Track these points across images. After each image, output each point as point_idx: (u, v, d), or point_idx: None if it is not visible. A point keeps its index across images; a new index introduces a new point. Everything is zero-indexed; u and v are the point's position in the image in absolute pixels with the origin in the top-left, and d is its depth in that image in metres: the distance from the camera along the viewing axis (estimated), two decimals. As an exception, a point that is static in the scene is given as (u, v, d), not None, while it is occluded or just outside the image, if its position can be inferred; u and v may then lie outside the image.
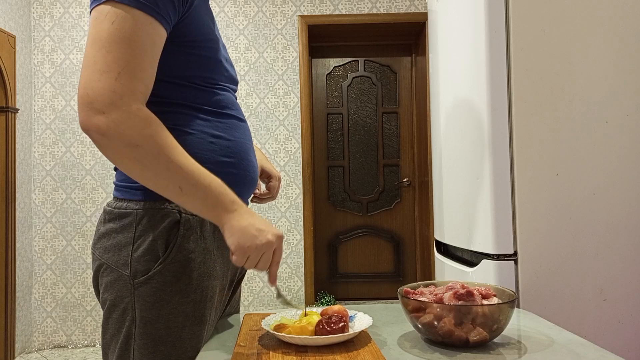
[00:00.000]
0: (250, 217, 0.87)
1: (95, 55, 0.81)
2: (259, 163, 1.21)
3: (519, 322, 1.04)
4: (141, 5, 0.82)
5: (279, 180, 1.24)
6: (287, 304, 0.98)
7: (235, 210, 0.86)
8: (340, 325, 0.88)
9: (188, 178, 0.83)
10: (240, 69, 3.74)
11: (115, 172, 0.99)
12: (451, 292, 0.89)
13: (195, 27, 0.92)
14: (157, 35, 0.85)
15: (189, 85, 0.94)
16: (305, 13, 3.76)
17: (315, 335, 0.88)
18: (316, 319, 0.91)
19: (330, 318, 0.90)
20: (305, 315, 0.95)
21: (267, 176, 1.23)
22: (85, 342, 3.59)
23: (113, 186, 3.62)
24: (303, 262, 3.72)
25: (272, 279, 0.91)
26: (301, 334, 0.88)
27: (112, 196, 0.98)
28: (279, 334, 0.88)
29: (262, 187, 1.28)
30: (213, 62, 0.97)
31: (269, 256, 0.88)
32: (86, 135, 3.68)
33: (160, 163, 0.81)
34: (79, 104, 0.81)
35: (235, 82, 1.06)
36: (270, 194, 1.23)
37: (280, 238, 0.88)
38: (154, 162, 0.81)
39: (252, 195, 1.21)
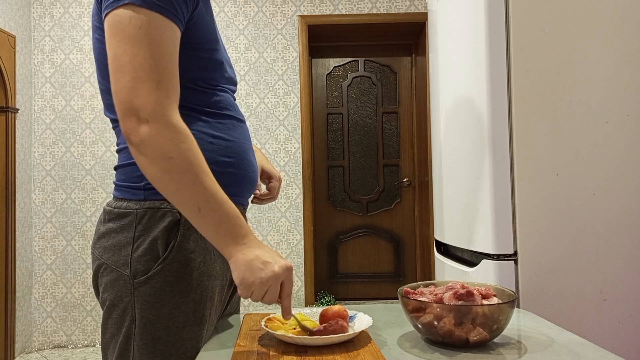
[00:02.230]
0: (257, 250, 0.85)
1: (131, 62, 0.81)
2: (260, 164, 1.21)
3: (519, 322, 1.04)
4: (160, 9, 0.83)
5: (280, 180, 1.24)
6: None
7: (245, 244, 0.85)
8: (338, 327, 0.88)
9: (209, 201, 0.82)
10: (240, 69, 3.74)
11: (115, 172, 1.00)
12: (451, 292, 0.89)
13: (198, 29, 0.92)
14: (176, 38, 0.86)
15: (190, 87, 0.94)
16: (305, 13, 3.76)
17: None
18: (309, 324, 0.91)
19: (327, 326, 0.89)
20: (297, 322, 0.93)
21: (267, 177, 1.23)
22: (85, 342, 3.59)
23: (113, 186, 3.62)
24: (303, 262, 3.72)
25: (285, 312, 0.88)
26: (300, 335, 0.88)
27: (112, 196, 0.98)
28: (279, 334, 0.88)
29: (263, 187, 1.28)
30: (214, 63, 0.97)
31: (275, 289, 0.85)
32: (86, 135, 3.70)
33: (186, 179, 0.81)
34: (122, 110, 0.81)
35: (235, 83, 1.06)
36: (271, 195, 1.23)
37: (288, 270, 0.85)
38: (181, 177, 0.81)
39: (253, 196, 1.21)
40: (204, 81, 0.96)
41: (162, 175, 0.82)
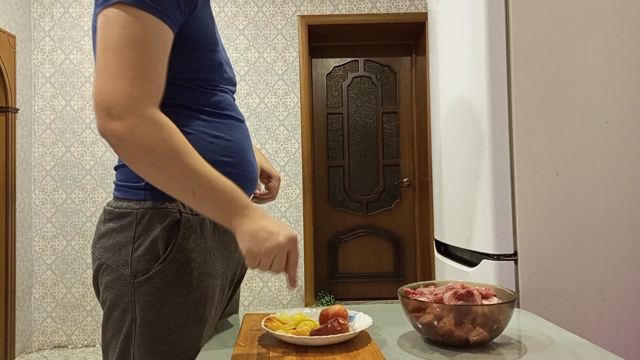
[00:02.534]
0: (262, 220, 0.86)
1: (108, 61, 0.81)
2: (259, 163, 1.21)
3: (519, 322, 1.04)
4: (149, 7, 0.82)
5: (279, 180, 1.24)
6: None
7: (248, 214, 0.85)
8: (339, 327, 0.88)
9: (201, 182, 0.82)
10: (240, 69, 3.74)
11: (115, 172, 1.00)
12: (451, 292, 0.89)
13: (198, 30, 0.92)
14: (166, 37, 0.85)
15: (189, 87, 0.94)
16: (305, 13, 3.76)
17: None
18: (309, 324, 0.91)
19: (325, 327, 0.89)
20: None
21: (266, 176, 1.24)
22: (85, 342, 3.59)
23: (113, 186, 3.62)
24: (303, 262, 3.72)
25: (291, 282, 0.89)
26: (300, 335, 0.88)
27: (113, 196, 0.98)
28: (279, 333, 0.88)
29: (262, 187, 1.28)
30: (214, 64, 0.97)
31: (281, 258, 0.86)
32: (86, 135, 3.70)
33: (174, 167, 0.81)
34: (96, 110, 0.81)
35: (234, 84, 1.06)
36: (270, 194, 1.23)
37: (293, 240, 0.86)
38: (168, 166, 0.81)
39: (252, 195, 1.21)
40: (203, 82, 0.96)
41: (149, 169, 0.82)
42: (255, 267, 0.86)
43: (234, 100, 1.07)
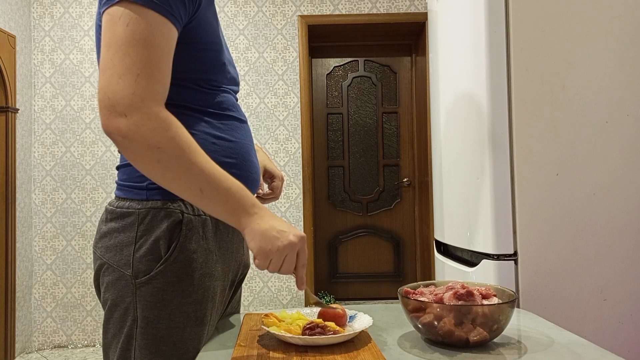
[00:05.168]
0: (271, 220, 0.85)
1: (112, 59, 0.80)
2: (262, 163, 1.21)
3: (519, 322, 1.04)
4: (154, 5, 0.82)
5: (282, 180, 1.24)
6: (324, 305, 0.96)
7: (256, 213, 0.85)
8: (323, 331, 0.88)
9: (209, 181, 0.82)
10: (240, 69, 3.74)
11: (117, 172, 1.00)
12: (451, 292, 0.89)
13: (202, 29, 0.92)
14: (170, 35, 0.85)
15: (192, 87, 0.94)
16: (305, 13, 3.76)
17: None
18: (303, 323, 0.91)
19: (313, 328, 0.89)
20: (313, 304, 0.94)
21: (269, 176, 1.23)
22: (85, 342, 3.59)
23: (113, 186, 3.62)
24: (303, 262, 3.72)
25: (300, 283, 0.89)
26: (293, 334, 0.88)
27: (114, 195, 0.98)
28: (279, 333, 0.88)
29: (265, 187, 1.28)
30: (217, 64, 0.97)
31: (292, 258, 0.86)
32: (86, 135, 3.70)
33: (181, 165, 0.81)
34: (100, 108, 0.81)
35: (237, 84, 1.06)
36: (273, 194, 1.23)
37: (302, 239, 0.86)
38: (175, 164, 0.81)
39: (255, 195, 1.21)
40: (206, 82, 0.96)
41: (154, 167, 0.81)
42: (266, 266, 0.85)
43: (237, 100, 1.06)
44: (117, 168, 0.99)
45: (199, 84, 0.95)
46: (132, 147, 0.80)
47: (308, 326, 0.89)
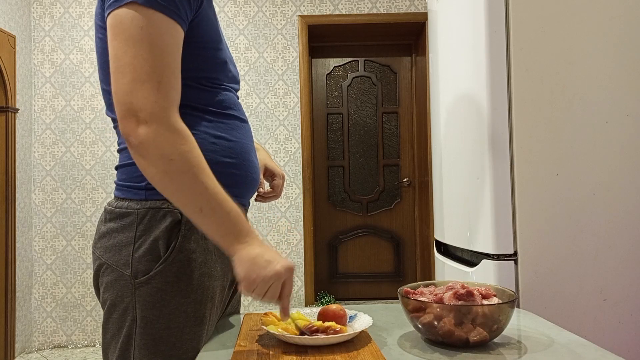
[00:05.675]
0: (259, 248, 0.86)
1: (132, 63, 0.81)
2: (263, 162, 1.21)
3: (519, 322, 1.04)
4: (163, 8, 0.83)
5: (283, 178, 1.24)
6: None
7: (247, 242, 0.85)
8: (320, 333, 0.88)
9: (210, 201, 0.83)
10: (240, 69, 3.74)
11: (116, 172, 1.00)
12: (451, 292, 0.89)
13: (202, 28, 0.92)
14: (179, 37, 0.86)
15: (194, 86, 0.94)
16: (305, 13, 3.76)
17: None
18: (300, 323, 0.91)
19: (310, 329, 0.89)
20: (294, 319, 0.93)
21: (270, 175, 1.23)
22: (85, 342, 3.59)
23: (113, 186, 3.62)
24: (303, 262, 3.72)
25: (284, 313, 0.89)
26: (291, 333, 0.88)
27: (113, 195, 0.98)
28: (279, 333, 0.88)
29: (266, 185, 1.27)
30: (218, 62, 0.97)
31: (276, 288, 0.85)
32: (86, 135, 3.70)
33: (187, 180, 0.82)
34: (121, 111, 0.81)
35: (238, 82, 1.06)
36: (274, 193, 1.23)
37: (290, 270, 0.86)
38: (182, 178, 0.82)
39: (256, 194, 1.21)
40: (207, 80, 0.96)
41: (162, 177, 0.82)
42: (250, 294, 0.85)
43: (238, 98, 1.06)
44: (116, 168, 0.99)
45: (201, 82, 0.95)
46: (146, 155, 0.81)
47: (308, 327, 0.89)
